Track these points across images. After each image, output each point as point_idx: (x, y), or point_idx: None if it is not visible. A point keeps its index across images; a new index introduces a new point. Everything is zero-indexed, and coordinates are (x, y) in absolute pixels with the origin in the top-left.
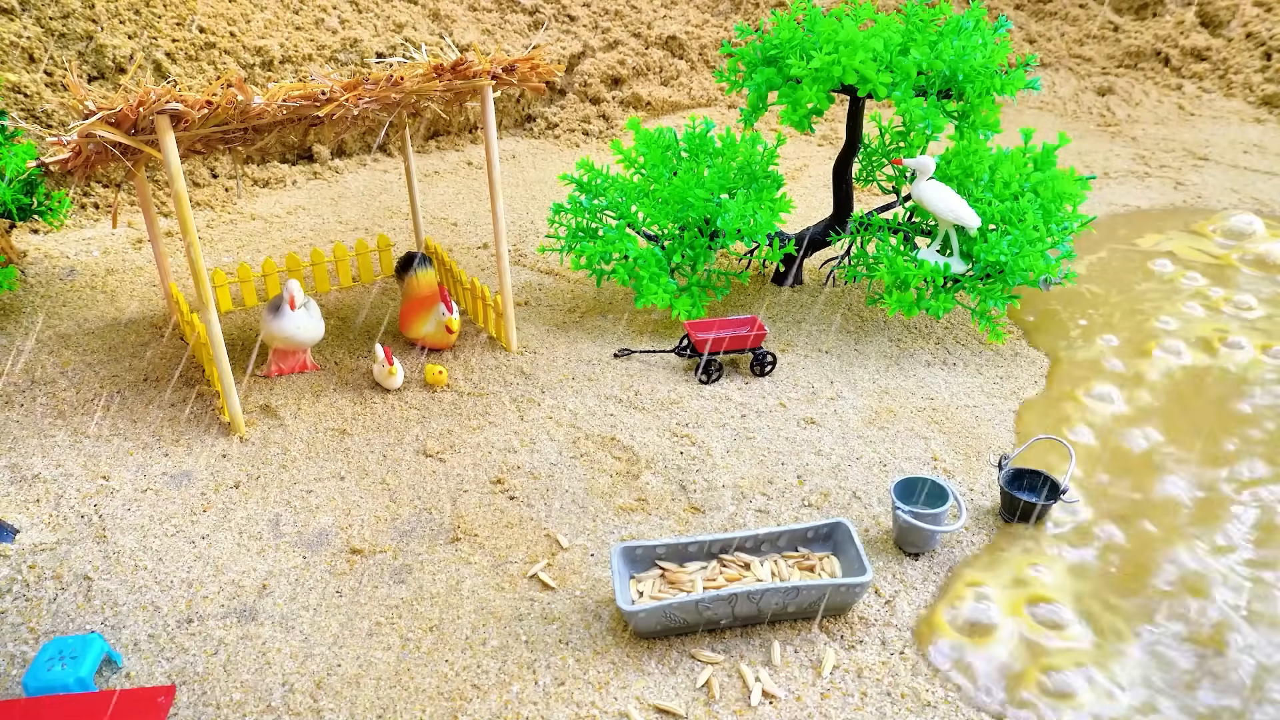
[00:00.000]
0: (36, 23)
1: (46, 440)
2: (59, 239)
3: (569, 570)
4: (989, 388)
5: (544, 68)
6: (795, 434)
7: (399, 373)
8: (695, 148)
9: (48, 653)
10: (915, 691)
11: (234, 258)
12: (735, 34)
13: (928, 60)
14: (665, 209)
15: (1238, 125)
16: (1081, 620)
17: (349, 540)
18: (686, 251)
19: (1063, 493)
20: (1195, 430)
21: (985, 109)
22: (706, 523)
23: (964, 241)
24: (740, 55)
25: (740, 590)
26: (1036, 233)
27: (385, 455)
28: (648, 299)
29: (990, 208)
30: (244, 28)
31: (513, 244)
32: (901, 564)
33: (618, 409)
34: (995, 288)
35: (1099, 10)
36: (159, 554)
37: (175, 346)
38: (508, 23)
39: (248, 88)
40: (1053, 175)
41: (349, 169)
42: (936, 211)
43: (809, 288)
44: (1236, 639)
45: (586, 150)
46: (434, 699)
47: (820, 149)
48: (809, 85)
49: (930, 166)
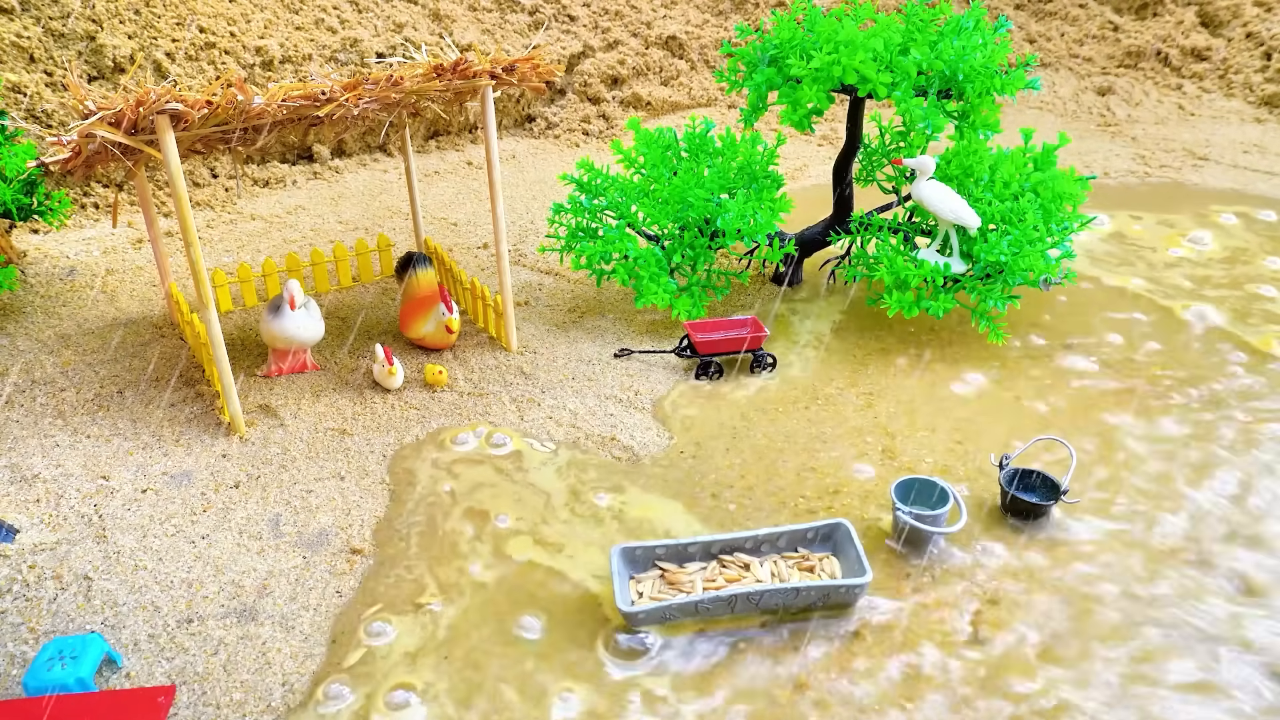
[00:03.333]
0: (36, 23)
1: (46, 440)
2: (59, 239)
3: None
4: (989, 388)
5: (544, 68)
6: (795, 434)
7: (399, 373)
8: (695, 148)
9: (48, 653)
10: None
11: (234, 258)
12: (735, 34)
13: (928, 60)
14: (665, 209)
15: (1238, 125)
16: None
17: (349, 540)
18: (686, 251)
19: (1063, 493)
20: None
21: (985, 109)
22: (706, 523)
23: (964, 241)
24: (740, 55)
25: (740, 591)
26: (1036, 233)
27: (385, 455)
28: (648, 299)
29: (990, 208)
30: (244, 28)
31: (513, 244)
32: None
33: (618, 409)
34: (995, 287)
35: (1099, 10)
36: (159, 554)
37: (175, 346)
38: (508, 23)
39: (248, 88)
40: (1053, 175)
41: (349, 169)
42: (937, 211)
43: (809, 287)
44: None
45: (586, 150)
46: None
47: (820, 149)
48: (809, 85)
49: (930, 166)
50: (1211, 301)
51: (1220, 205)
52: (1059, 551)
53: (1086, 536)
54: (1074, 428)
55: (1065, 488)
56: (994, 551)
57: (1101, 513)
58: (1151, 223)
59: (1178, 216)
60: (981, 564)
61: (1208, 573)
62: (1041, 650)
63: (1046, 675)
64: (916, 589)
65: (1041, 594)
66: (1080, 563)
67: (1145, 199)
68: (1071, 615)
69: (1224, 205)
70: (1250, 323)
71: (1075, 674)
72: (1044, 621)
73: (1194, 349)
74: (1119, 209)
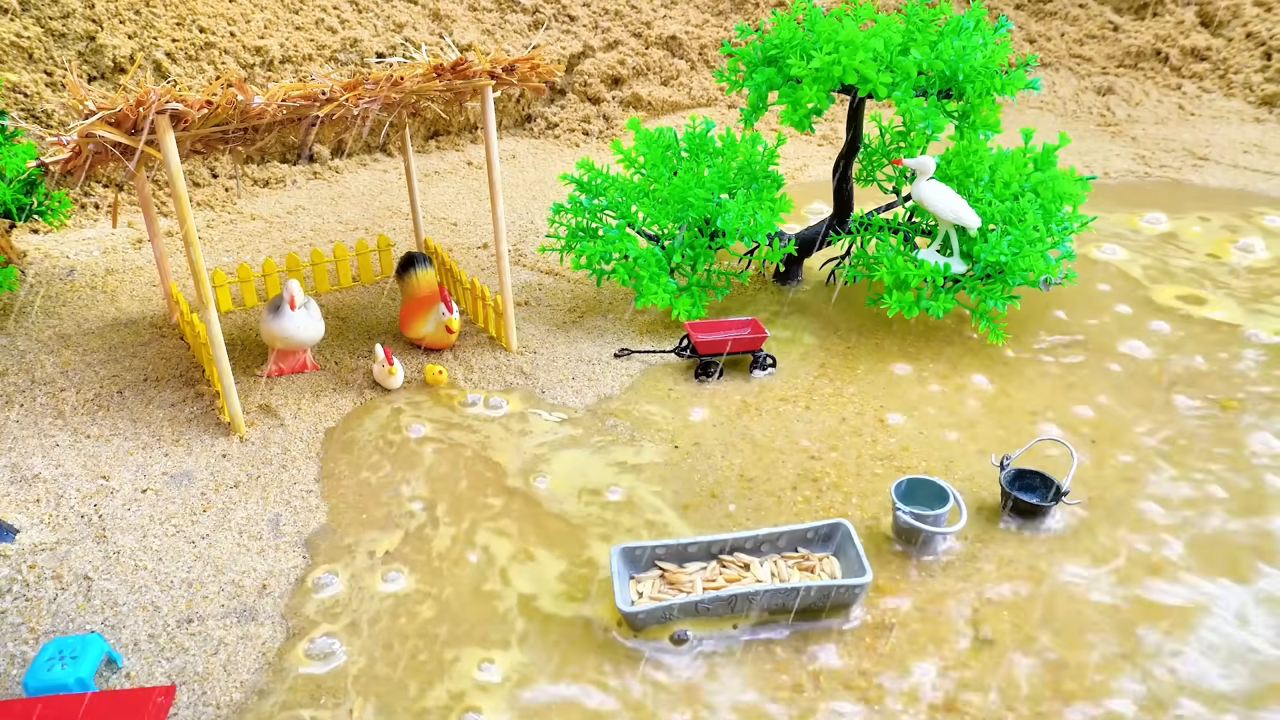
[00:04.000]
0: (36, 23)
1: (46, 440)
2: (59, 239)
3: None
4: (989, 387)
5: (544, 68)
6: (795, 434)
7: (399, 373)
8: (695, 147)
9: (48, 653)
10: None
11: (234, 258)
12: (735, 34)
13: (928, 60)
14: (665, 209)
15: (1238, 125)
16: None
17: (349, 540)
18: (686, 251)
19: (1064, 494)
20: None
21: (985, 109)
22: (706, 523)
23: (964, 241)
24: (740, 55)
25: (739, 591)
26: (1036, 233)
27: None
28: (648, 299)
29: (990, 208)
30: (244, 28)
31: (513, 244)
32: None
33: (617, 408)
34: (995, 288)
35: (1099, 10)
36: (159, 554)
37: (175, 346)
38: (508, 23)
39: (248, 88)
40: (1053, 175)
41: (349, 169)
42: (937, 211)
43: (809, 286)
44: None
45: (586, 150)
46: (434, 697)
47: (820, 149)
48: (809, 85)
49: (930, 166)
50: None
51: (1264, 208)
52: (1058, 551)
53: (1087, 536)
54: (1075, 429)
55: (1065, 488)
56: (994, 551)
57: (1102, 512)
58: (1215, 225)
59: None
60: (981, 564)
61: (1208, 575)
62: (1041, 650)
63: (1047, 675)
64: (916, 589)
65: (1041, 594)
66: (1081, 562)
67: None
68: (1072, 614)
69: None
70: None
71: (1075, 673)
72: (1044, 621)
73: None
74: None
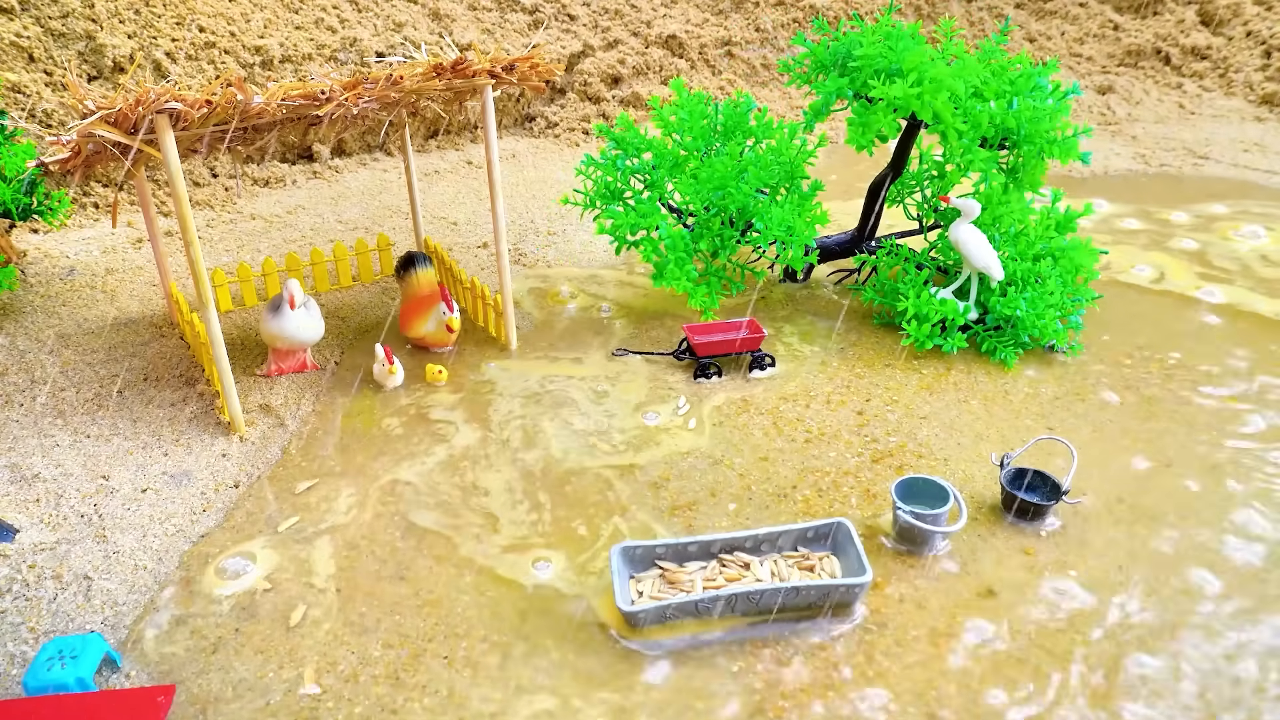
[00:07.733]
0: (36, 23)
1: (46, 440)
2: (59, 239)
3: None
4: (990, 388)
5: (544, 67)
6: (794, 433)
7: (399, 372)
8: (732, 124)
9: (48, 653)
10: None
11: (234, 258)
12: (812, 28)
13: (1002, 115)
14: (700, 188)
15: (1238, 124)
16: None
17: (349, 540)
18: (715, 239)
19: (1064, 493)
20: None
21: (1035, 168)
22: (706, 522)
23: (982, 290)
24: (814, 52)
25: (740, 590)
26: (1053, 297)
27: (384, 455)
28: (669, 281)
29: (1012, 264)
30: (244, 27)
31: (513, 243)
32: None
33: (617, 408)
34: (1005, 339)
35: (1099, 9)
36: (159, 554)
37: (175, 346)
38: (508, 22)
39: (247, 87)
40: (1074, 246)
41: (349, 169)
42: (969, 255)
43: (813, 287)
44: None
45: (586, 149)
46: (434, 695)
47: (825, 149)
48: (884, 111)
49: (976, 211)
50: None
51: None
52: (1057, 551)
53: (1086, 536)
54: (1073, 428)
55: (1066, 488)
56: (994, 550)
57: (1102, 512)
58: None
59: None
60: (982, 563)
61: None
62: (1041, 650)
63: (1046, 675)
64: (917, 588)
65: (1041, 593)
66: (1080, 562)
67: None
68: (1071, 614)
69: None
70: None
71: (1075, 673)
72: (1044, 620)
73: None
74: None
